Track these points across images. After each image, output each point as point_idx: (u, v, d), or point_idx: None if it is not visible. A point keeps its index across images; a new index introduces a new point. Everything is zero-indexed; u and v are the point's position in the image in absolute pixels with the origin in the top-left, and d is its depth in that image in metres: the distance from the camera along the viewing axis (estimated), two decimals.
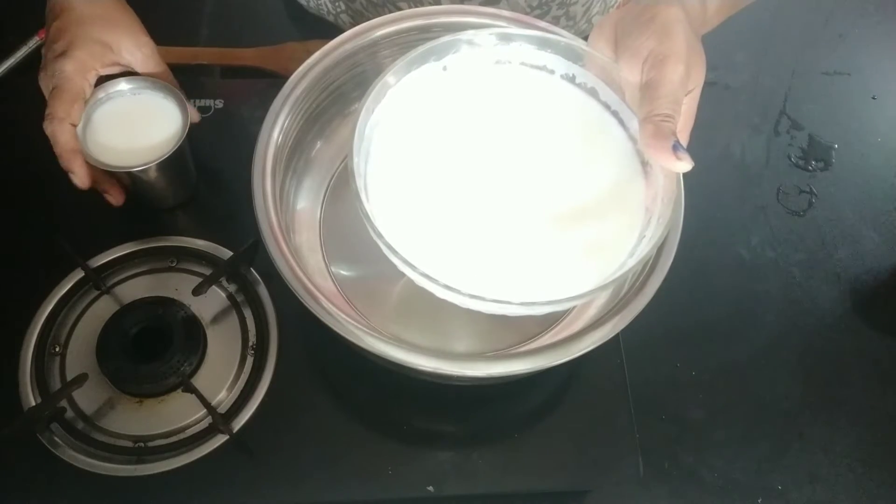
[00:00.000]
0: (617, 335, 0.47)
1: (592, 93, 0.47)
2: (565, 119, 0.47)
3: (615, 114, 0.46)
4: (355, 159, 0.42)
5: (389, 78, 0.45)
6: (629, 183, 0.45)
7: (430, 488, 0.57)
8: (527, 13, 0.69)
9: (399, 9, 0.64)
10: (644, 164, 0.45)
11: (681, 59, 0.40)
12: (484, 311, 0.40)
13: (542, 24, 0.54)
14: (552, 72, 0.48)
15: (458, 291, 0.38)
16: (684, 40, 0.41)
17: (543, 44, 0.47)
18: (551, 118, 0.47)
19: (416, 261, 0.39)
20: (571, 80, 0.47)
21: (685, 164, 0.39)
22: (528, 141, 0.46)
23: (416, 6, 0.59)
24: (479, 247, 0.43)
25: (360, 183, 0.42)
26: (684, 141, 0.42)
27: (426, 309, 0.58)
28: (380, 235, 0.40)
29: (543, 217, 0.44)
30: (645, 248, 0.41)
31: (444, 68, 0.47)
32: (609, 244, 0.43)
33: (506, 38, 0.47)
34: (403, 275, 0.59)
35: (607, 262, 0.42)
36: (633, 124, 0.45)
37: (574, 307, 0.58)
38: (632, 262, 0.41)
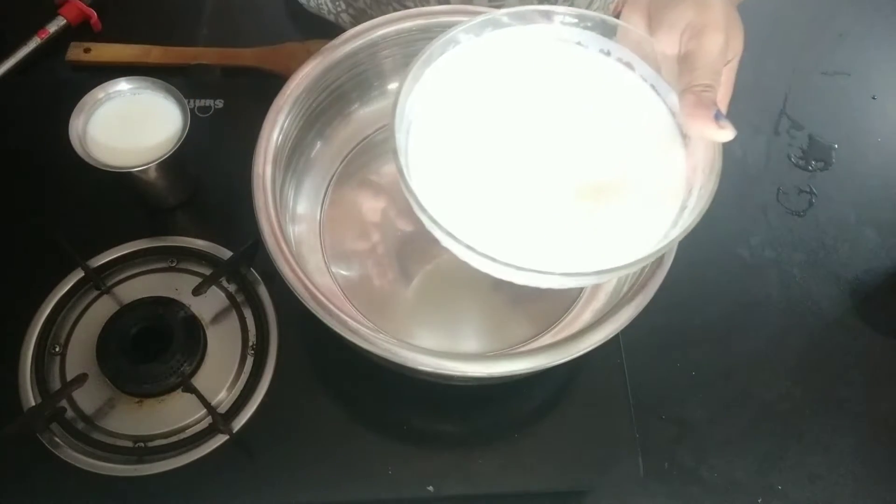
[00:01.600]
0: (617, 335, 0.47)
1: (629, 67, 0.47)
2: (605, 93, 0.47)
3: (652, 87, 0.46)
4: (397, 137, 0.43)
5: (426, 58, 0.45)
6: (669, 155, 0.45)
7: (430, 488, 0.57)
8: None
9: (405, 7, 0.63)
10: (684, 136, 0.45)
11: (720, 29, 0.40)
12: (528, 284, 0.40)
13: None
14: (587, 48, 0.48)
15: (501, 262, 0.38)
16: (722, 10, 0.41)
17: (578, 20, 0.47)
18: (591, 93, 0.47)
19: (459, 233, 0.39)
20: (607, 55, 0.47)
21: (728, 133, 0.39)
22: (568, 116, 0.46)
23: (423, 5, 0.59)
24: (522, 220, 0.43)
25: (402, 160, 0.42)
26: (724, 111, 0.42)
27: (426, 308, 0.58)
28: (423, 210, 0.40)
29: (584, 192, 0.44)
30: (689, 219, 0.41)
31: (479, 47, 0.47)
32: (651, 216, 0.43)
33: (540, 14, 0.47)
34: (403, 274, 0.60)
35: (650, 233, 0.42)
36: (670, 98, 0.45)
37: (577, 302, 0.58)
38: (675, 233, 0.41)
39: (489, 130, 0.46)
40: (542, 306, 0.58)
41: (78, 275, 0.61)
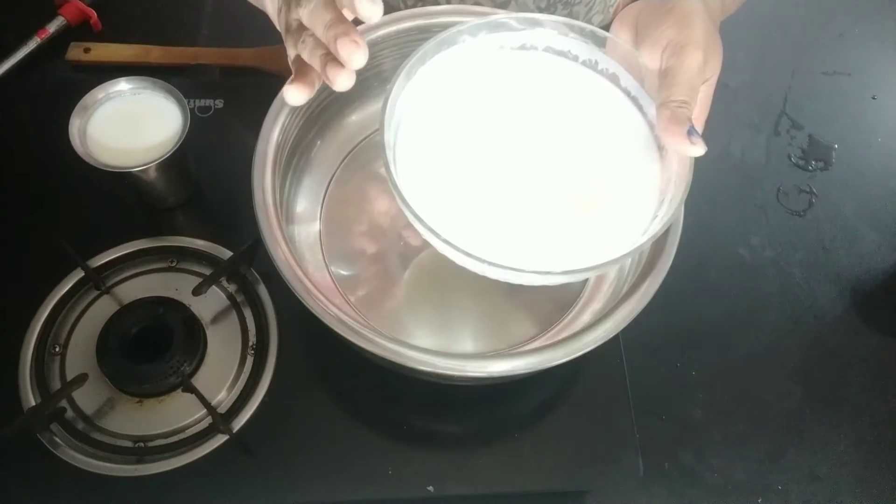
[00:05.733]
0: (617, 335, 0.47)
1: (613, 79, 0.48)
2: (587, 103, 0.48)
3: (634, 100, 0.48)
4: (386, 133, 0.44)
5: (420, 57, 0.46)
6: (646, 167, 0.46)
7: (430, 488, 0.57)
8: None
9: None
10: (661, 149, 0.46)
11: (699, 48, 0.42)
12: (500, 279, 0.41)
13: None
14: (576, 57, 0.49)
15: (477, 258, 0.39)
16: (703, 30, 0.43)
17: (568, 29, 0.48)
18: (573, 102, 0.48)
19: (439, 229, 0.40)
20: (594, 66, 0.49)
21: (699, 149, 0.40)
22: (550, 123, 0.48)
23: None
24: (500, 220, 0.44)
25: (389, 155, 0.43)
26: (699, 128, 0.44)
27: (426, 309, 0.58)
28: (407, 204, 0.41)
29: (562, 196, 0.45)
30: (656, 227, 0.43)
31: (473, 50, 0.48)
32: (624, 224, 0.44)
33: (533, 22, 0.48)
34: (403, 274, 0.60)
35: (621, 240, 0.44)
36: (652, 111, 0.46)
37: (577, 302, 0.58)
38: (643, 240, 0.42)
39: (475, 132, 0.47)
40: (541, 306, 0.58)
41: (78, 275, 0.61)
